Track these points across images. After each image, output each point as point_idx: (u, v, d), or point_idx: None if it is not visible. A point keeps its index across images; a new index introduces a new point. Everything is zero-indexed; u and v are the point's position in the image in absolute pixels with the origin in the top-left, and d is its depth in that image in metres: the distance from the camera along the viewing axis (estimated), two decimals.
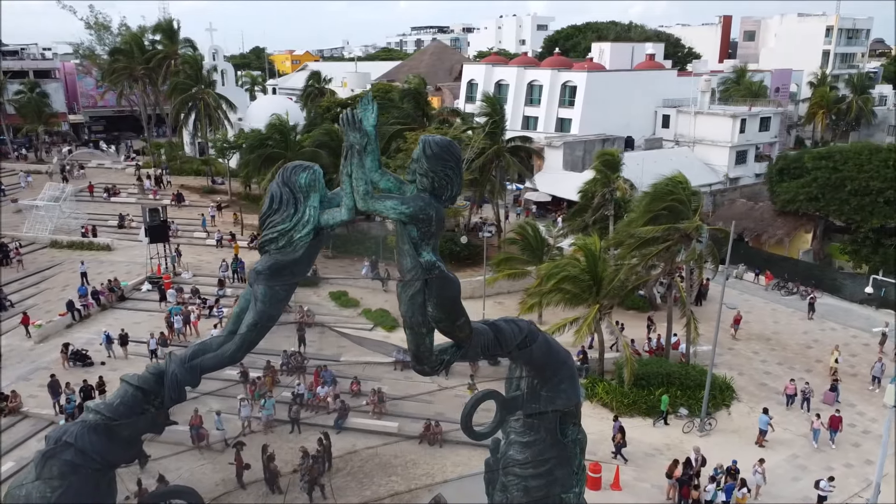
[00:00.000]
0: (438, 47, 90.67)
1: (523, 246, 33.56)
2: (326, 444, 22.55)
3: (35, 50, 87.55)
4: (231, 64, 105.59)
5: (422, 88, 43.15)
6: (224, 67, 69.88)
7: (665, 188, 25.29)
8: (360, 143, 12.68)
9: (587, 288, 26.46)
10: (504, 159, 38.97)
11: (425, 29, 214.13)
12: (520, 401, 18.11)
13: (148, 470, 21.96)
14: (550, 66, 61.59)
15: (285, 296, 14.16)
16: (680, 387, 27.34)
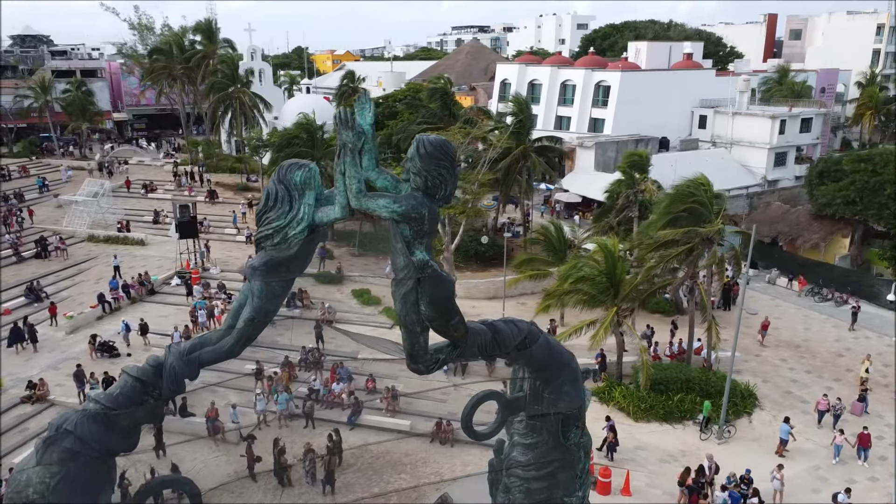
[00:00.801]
0: (474, 47, 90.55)
1: (546, 246, 33.31)
2: (337, 440, 22.76)
3: (84, 50, 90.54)
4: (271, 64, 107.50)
5: (449, 88, 43.17)
6: (262, 67, 70.97)
7: (686, 190, 24.78)
8: (353, 142, 12.77)
9: (605, 290, 26.14)
10: (530, 159, 38.69)
11: (466, 28, 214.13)
12: (522, 402, 17.99)
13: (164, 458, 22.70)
14: (584, 65, 60.99)
15: (282, 291, 14.33)
16: (700, 393, 26.80)
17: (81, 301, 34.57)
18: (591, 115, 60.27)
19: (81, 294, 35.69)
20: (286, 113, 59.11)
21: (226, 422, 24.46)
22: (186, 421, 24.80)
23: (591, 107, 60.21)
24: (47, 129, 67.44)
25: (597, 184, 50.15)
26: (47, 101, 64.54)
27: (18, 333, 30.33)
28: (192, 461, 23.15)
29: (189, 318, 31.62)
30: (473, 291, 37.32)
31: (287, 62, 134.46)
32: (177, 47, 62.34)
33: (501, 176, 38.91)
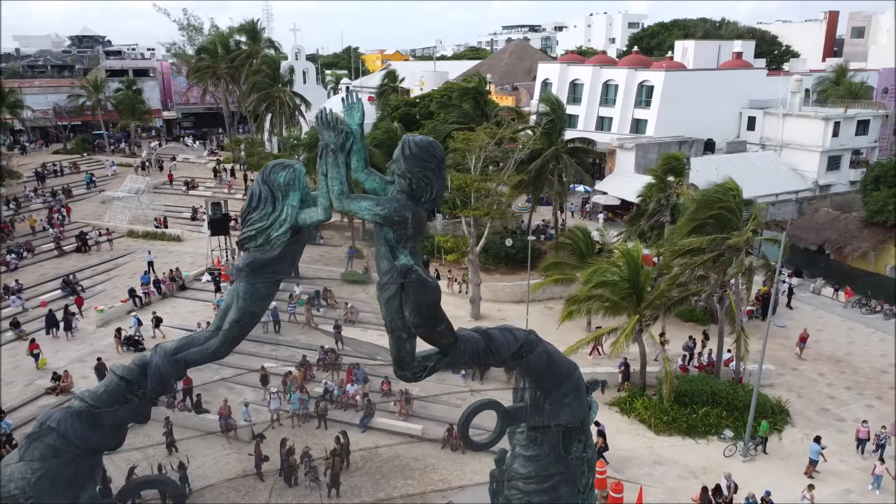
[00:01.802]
0: (518, 46, 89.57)
1: (573, 250, 32.48)
2: (344, 443, 22.56)
3: (139, 50, 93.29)
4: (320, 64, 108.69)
5: (482, 87, 42.62)
6: (305, 67, 71.77)
7: (713, 196, 23.67)
8: (335, 143, 12.46)
9: (627, 296, 25.24)
10: (561, 161, 37.83)
11: (517, 28, 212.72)
12: (522, 412, 17.40)
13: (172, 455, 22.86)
14: (627, 65, 59.50)
15: (267, 293, 14.15)
16: (727, 407, 25.64)
17: (115, 295, 35.38)
18: (633, 115, 58.79)
19: (115, 288, 36.55)
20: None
21: (239, 420, 24.53)
22: (201, 417, 24.98)
23: (633, 107, 58.71)
24: (100, 126, 69.66)
25: (636, 186, 48.71)
26: (99, 100, 66.64)
27: (53, 320, 31.65)
28: (203, 457, 23.31)
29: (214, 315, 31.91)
30: (500, 294, 36.74)
31: (336, 62, 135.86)
32: (222, 47, 63.50)
33: (532, 177, 38.13)
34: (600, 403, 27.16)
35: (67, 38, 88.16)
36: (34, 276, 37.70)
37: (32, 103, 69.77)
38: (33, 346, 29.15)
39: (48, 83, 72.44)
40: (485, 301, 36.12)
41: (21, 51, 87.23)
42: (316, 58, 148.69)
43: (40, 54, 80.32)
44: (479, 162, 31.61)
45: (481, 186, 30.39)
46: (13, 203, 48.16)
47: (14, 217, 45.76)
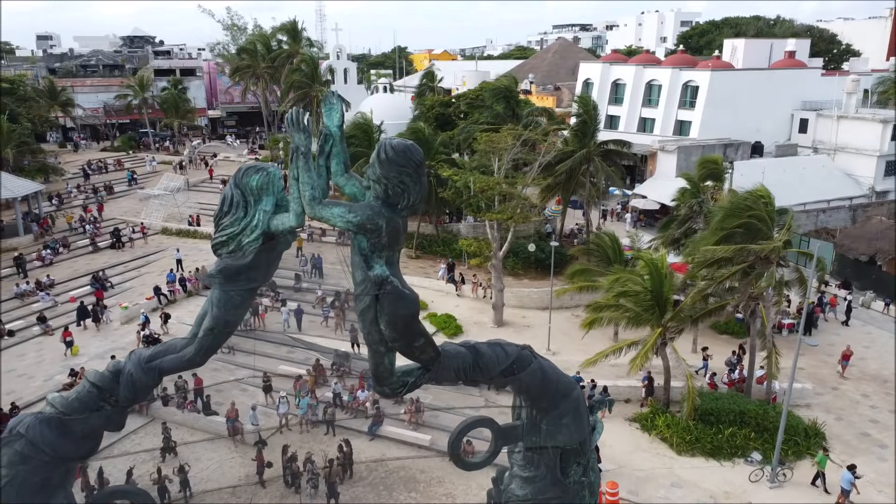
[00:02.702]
0: (563, 45, 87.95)
1: (600, 257, 31.24)
2: (347, 452, 22.02)
3: (188, 50, 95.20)
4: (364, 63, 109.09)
5: (513, 87, 41.60)
6: (346, 66, 71.96)
7: (742, 203, 22.20)
8: (305, 145, 11.82)
9: (649, 308, 23.98)
10: (593, 163, 36.54)
11: (567, 27, 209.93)
12: (518, 431, 16.47)
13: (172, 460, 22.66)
14: (671, 64, 57.58)
15: (241, 301, 13.56)
16: (756, 428, 24.10)
17: (142, 292, 35.73)
18: (676, 117, 56.86)
19: (143, 285, 36.92)
20: (364, 111, 59.44)
21: (246, 423, 24.25)
22: (209, 419, 24.83)
23: (677, 108, 56.80)
24: (146, 125, 71.25)
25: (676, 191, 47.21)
26: (145, 99, 68.12)
27: (84, 312, 32.49)
28: (208, 460, 23.12)
29: None
30: (525, 301, 35.69)
31: (382, 62, 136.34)
32: (263, 47, 64.05)
33: (563, 180, 36.96)
34: (620, 419, 26.21)
35: (119, 38, 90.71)
36: (67, 271, 38.44)
37: (84, 102, 71.86)
38: (66, 334, 29.97)
39: (99, 82, 74.53)
40: (510, 307, 35.17)
41: (75, 51, 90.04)
42: (365, 58, 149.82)
43: (93, 54, 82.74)
44: (504, 164, 30.67)
45: (504, 190, 29.45)
46: (56, 199, 49.44)
47: (55, 213, 46.95)
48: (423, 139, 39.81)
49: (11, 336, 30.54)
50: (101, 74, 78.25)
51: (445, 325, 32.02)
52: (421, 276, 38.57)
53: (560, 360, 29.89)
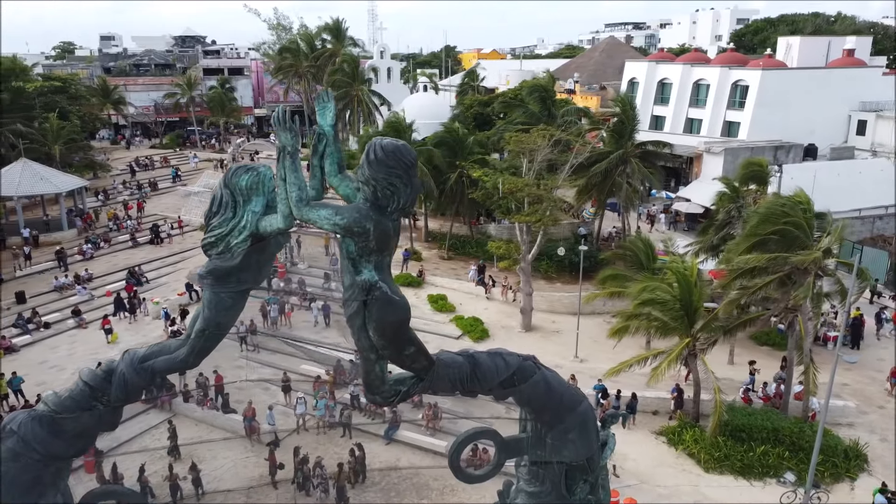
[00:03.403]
0: (610, 44, 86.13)
1: (631, 262, 30.18)
2: (359, 456, 21.70)
3: (240, 49, 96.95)
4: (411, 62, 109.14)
5: (549, 87, 40.66)
6: (390, 65, 71.96)
7: (778, 209, 20.95)
8: (291, 145, 11.47)
9: (678, 317, 22.93)
10: (630, 165, 35.39)
11: (620, 25, 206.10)
12: (523, 445, 15.82)
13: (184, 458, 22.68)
14: (720, 63, 55.56)
15: (232, 303, 13.26)
16: (790, 447, 22.79)
17: (175, 288, 36.26)
18: (724, 118, 54.87)
19: (177, 281, 37.46)
20: (404, 109, 59.29)
21: (263, 423, 24.17)
22: (227, 417, 24.86)
23: (725, 109, 54.81)
24: (193, 123, 72.77)
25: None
26: (192, 97, 69.54)
27: (121, 303, 33.35)
28: (223, 459, 23.12)
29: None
30: (556, 305, 34.83)
31: (430, 60, 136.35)
32: (307, 46, 64.56)
33: (598, 181, 35.93)
34: (646, 432, 25.17)
35: (171, 37, 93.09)
36: (106, 266, 39.31)
37: (135, 100, 73.87)
38: (105, 322, 30.88)
39: (150, 81, 76.56)
40: (540, 312, 34.36)
41: (132, 50, 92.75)
42: (415, 57, 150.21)
43: (145, 53, 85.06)
44: (535, 165, 29.90)
45: (532, 192, 28.69)
46: (101, 194, 50.78)
47: (100, 208, 48.21)
48: (457, 139, 39.36)
49: (47, 328, 31.30)
50: (153, 73, 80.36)
51: (472, 328, 31.44)
52: (452, 277, 38.09)
53: (588, 368, 29.15)
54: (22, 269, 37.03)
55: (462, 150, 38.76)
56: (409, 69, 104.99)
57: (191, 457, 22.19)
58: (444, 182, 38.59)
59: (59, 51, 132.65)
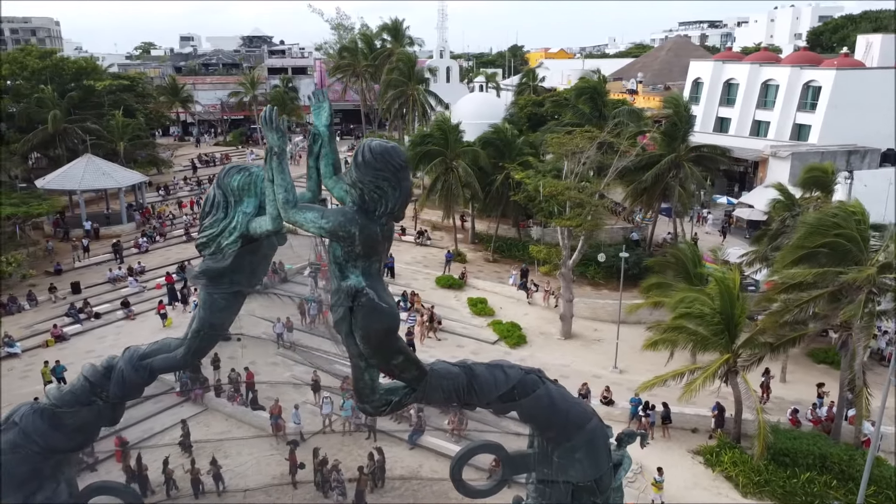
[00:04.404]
0: (677, 42, 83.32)
1: (679, 270, 28.81)
2: (379, 460, 21.40)
3: (308, 49, 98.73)
4: (474, 62, 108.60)
5: (599, 87, 39.40)
6: (449, 65, 71.75)
7: (829, 220, 19.41)
8: (279, 146, 11.20)
9: (718, 332, 21.63)
10: (683, 169, 33.86)
11: (695, 24, 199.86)
12: (530, 461, 15.16)
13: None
14: (792, 62, 52.72)
15: (226, 305, 13.17)
16: (839, 475, 21.13)
17: None
18: (794, 120, 52.06)
19: None
20: (458, 109, 58.92)
21: (288, 421, 24.20)
22: (255, 414, 25.01)
23: (795, 111, 51.99)
24: (255, 121, 74.49)
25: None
26: (255, 96, 71.18)
27: (174, 293, 34.71)
28: (248, 455, 23.22)
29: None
30: (599, 313, 33.70)
31: (494, 60, 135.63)
32: (366, 46, 65.02)
33: (649, 185, 34.56)
34: (682, 450, 23.90)
35: (239, 37, 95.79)
36: (159, 259, 40.48)
37: (203, 98, 76.22)
38: (161, 307, 32.02)
39: (216, 80, 78.86)
40: (582, 319, 33.35)
41: (202, 50, 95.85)
42: (480, 56, 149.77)
43: (214, 53, 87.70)
44: (576, 168, 28.94)
45: (573, 196, 27.75)
46: (162, 190, 52.49)
47: (160, 203, 49.84)
48: (505, 140, 38.67)
49: (97, 318, 32.40)
50: (221, 73, 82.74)
51: (508, 333, 30.73)
52: (495, 280, 37.43)
53: (626, 380, 28.01)
54: (80, 260, 38.56)
55: (510, 151, 38.04)
56: (473, 69, 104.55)
57: (212, 452, 22.37)
58: (491, 184, 37.98)
59: (141, 51, 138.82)
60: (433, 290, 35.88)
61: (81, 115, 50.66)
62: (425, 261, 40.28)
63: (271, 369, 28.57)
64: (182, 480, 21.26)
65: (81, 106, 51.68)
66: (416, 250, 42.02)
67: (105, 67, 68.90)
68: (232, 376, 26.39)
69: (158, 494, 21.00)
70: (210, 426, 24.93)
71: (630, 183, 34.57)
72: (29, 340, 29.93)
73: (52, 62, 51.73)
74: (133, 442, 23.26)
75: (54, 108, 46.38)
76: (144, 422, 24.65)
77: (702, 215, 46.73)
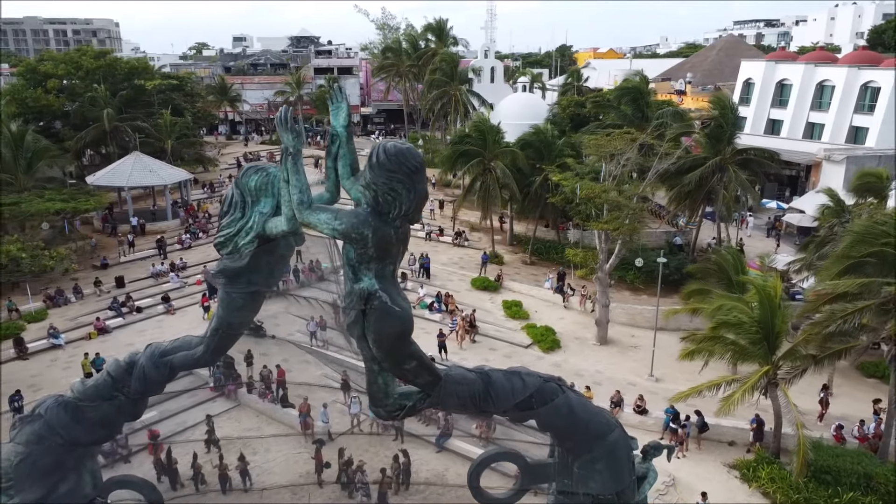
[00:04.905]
0: (729, 42, 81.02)
1: (719, 276, 27.91)
2: (404, 462, 21.25)
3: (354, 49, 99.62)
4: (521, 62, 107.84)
5: (642, 87, 38.45)
6: (494, 65, 71.37)
7: (876, 228, 18.42)
8: (293, 146, 11.14)
9: (757, 342, 20.80)
10: (727, 172, 32.77)
11: (750, 23, 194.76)
12: (550, 471, 14.82)
13: None
14: (849, 62, 50.66)
15: (243, 304, 13.21)
16: (884, 496, 20.07)
17: None
18: (851, 122, 49.99)
19: None
20: (500, 110, 58.54)
21: (317, 420, 24.27)
22: (285, 411, 25.17)
23: (852, 112, 49.93)
24: (300, 120, 75.37)
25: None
26: (300, 96, 72.08)
27: (212, 288, 34.57)
28: (276, 452, 23.38)
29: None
30: (637, 319, 32.91)
31: (541, 60, 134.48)
32: (410, 46, 65.15)
33: (692, 189, 33.59)
34: (718, 463, 23.06)
35: (287, 38, 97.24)
36: (201, 255, 41.20)
37: (250, 98, 77.56)
38: (205, 300, 32.65)
39: (263, 80, 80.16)
40: (619, 325, 32.62)
41: (255, 50, 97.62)
42: (527, 56, 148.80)
43: (262, 53, 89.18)
44: (614, 170, 28.28)
45: (610, 199, 27.12)
46: (207, 188, 53.53)
47: (205, 201, 50.84)
48: (544, 141, 38.14)
49: (139, 312, 33.16)
50: (268, 72, 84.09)
51: (542, 337, 30.24)
52: (531, 283, 36.93)
53: (662, 388, 27.23)
54: (126, 255, 39.58)
55: (549, 152, 37.49)
56: (519, 69, 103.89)
57: (240, 448, 22.58)
58: (529, 185, 37.50)
59: (194, 51, 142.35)
60: (468, 292, 35.60)
61: (132, 113, 52.10)
62: (462, 262, 40.03)
63: (302, 368, 28.75)
64: (210, 475, 21.52)
65: (132, 104, 53.13)
66: (453, 251, 41.82)
67: (157, 67, 70.70)
68: (263, 373, 26.63)
69: (187, 488, 21.31)
70: (241, 422, 25.21)
71: (672, 186, 33.62)
72: (73, 332, 30.80)
73: (106, 62, 53.32)
74: (167, 435, 23.71)
75: (106, 107, 47.79)
76: (178, 415, 25.11)
77: (744, 218, 45.32)
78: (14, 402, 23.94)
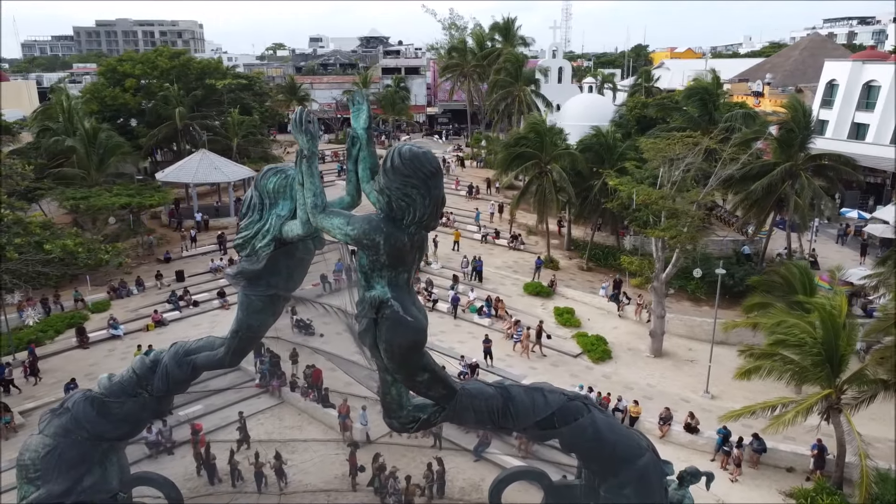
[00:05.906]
0: (813, 41, 76.75)
1: (784, 289, 26.23)
2: (439, 471, 20.82)
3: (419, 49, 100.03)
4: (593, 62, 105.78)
5: (711, 88, 36.61)
6: (561, 65, 70.11)
7: None
8: (308, 149, 10.92)
9: (819, 363, 19.34)
10: (798, 179, 30.81)
11: (842, 21, 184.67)
12: (576, 492, 14.24)
13: None
14: None
15: (262, 307, 13.16)
16: None
17: (309, 279, 37.72)
18: None
19: (318, 272, 39.04)
20: (565, 111, 57.34)
21: (356, 422, 24.12)
22: (325, 412, 25.17)
23: None
24: None
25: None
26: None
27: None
28: (314, 453, 23.37)
29: None
30: (696, 331, 31.40)
31: (614, 60, 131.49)
32: (476, 46, 64.71)
33: (761, 196, 31.78)
34: (773, 490, 21.58)
35: (357, 38, 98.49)
36: None
37: (319, 97, 78.85)
38: None
39: (332, 80, 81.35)
40: (676, 337, 31.24)
41: (323, 50, 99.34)
42: (600, 56, 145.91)
43: (332, 54, 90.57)
44: (676, 175, 26.98)
45: (667, 206, 25.87)
46: None
47: None
48: (605, 143, 36.97)
49: (196, 306, 33.99)
50: (337, 72, 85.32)
51: (593, 347, 29.22)
52: (586, 290, 35.83)
53: (717, 406, 25.81)
54: (188, 250, 40.72)
55: (612, 154, 36.27)
56: (591, 69, 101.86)
57: (277, 446, 22.64)
58: (588, 189, 36.42)
59: (271, 52, 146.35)
60: (520, 297, 34.83)
61: (203, 112, 53.71)
62: (516, 265, 39.26)
63: (347, 367, 28.68)
64: (247, 472, 21.68)
65: (203, 103, 54.76)
66: (507, 254, 41.09)
67: (230, 67, 72.73)
68: (307, 372, 26.73)
69: (224, 483, 21.54)
70: (283, 419, 25.38)
71: (738, 192, 31.91)
72: (132, 324, 31.82)
73: (180, 62, 55.16)
74: (210, 430, 24.07)
75: (179, 106, 49.41)
76: (222, 410, 25.47)
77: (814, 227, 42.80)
78: (69, 390, 24.84)
